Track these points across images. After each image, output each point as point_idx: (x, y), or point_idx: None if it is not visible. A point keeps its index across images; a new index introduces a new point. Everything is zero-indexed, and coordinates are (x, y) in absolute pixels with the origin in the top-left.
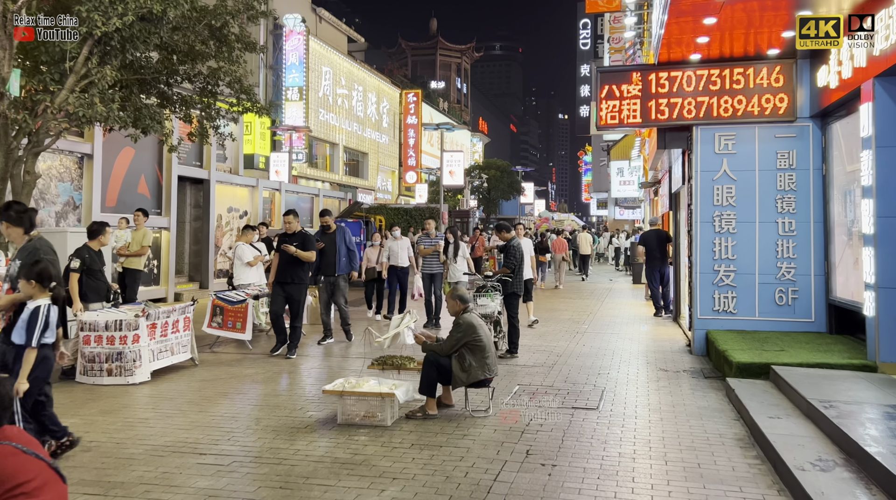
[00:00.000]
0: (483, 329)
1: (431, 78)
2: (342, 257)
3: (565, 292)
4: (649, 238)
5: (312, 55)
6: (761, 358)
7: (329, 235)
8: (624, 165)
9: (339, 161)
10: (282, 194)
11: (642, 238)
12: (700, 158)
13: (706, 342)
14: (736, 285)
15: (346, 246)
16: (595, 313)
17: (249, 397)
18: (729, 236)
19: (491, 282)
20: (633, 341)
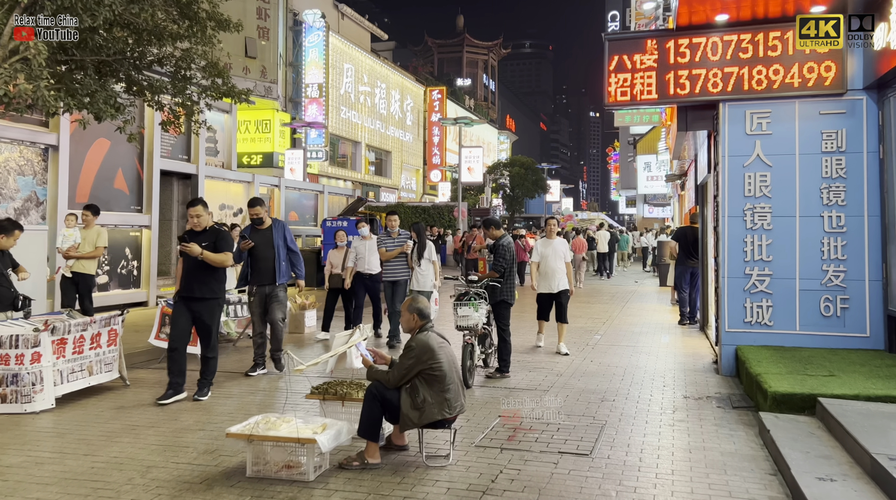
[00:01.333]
0: (444, 353)
1: (458, 76)
2: (281, 260)
3: (584, 294)
4: (686, 234)
5: (333, 52)
6: (804, 387)
7: (262, 233)
8: (651, 159)
9: (361, 159)
10: (281, 191)
11: (677, 234)
12: (728, 140)
13: (735, 360)
14: (772, 291)
15: (287, 246)
16: (612, 320)
17: (159, 433)
18: (763, 234)
19: (475, 288)
20: (650, 356)
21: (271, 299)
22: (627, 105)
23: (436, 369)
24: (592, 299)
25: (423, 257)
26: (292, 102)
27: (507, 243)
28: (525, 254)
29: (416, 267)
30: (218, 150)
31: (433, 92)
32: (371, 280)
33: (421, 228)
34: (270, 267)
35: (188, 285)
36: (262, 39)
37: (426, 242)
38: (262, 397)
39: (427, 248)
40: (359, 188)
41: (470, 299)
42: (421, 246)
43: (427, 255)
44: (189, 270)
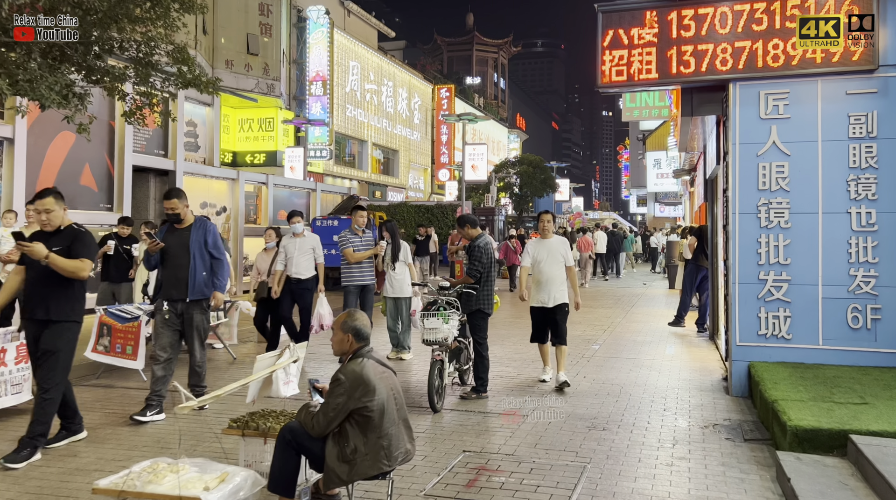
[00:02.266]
0: (384, 386)
1: (467, 74)
2: (198, 269)
3: (588, 297)
4: (702, 232)
5: (339, 49)
6: (832, 419)
7: (179, 233)
8: (661, 155)
9: (368, 158)
10: (269, 188)
11: (699, 231)
12: (739, 125)
13: (748, 379)
14: (790, 299)
15: (209, 251)
16: (614, 328)
17: (28, 475)
18: (780, 233)
19: (447, 295)
20: (652, 371)
21: (186, 319)
22: (624, 86)
23: (371, 409)
24: (595, 303)
25: (397, 259)
26: (296, 100)
27: (485, 245)
28: (517, 257)
29: (389, 271)
30: (199, 145)
31: (441, 90)
32: (299, 287)
33: (394, 228)
34: (184, 277)
35: (30, 303)
36: (264, 36)
37: (400, 243)
38: (189, 426)
39: (402, 249)
40: (365, 188)
41: (439, 309)
42: (395, 247)
43: (402, 257)
44: (33, 281)
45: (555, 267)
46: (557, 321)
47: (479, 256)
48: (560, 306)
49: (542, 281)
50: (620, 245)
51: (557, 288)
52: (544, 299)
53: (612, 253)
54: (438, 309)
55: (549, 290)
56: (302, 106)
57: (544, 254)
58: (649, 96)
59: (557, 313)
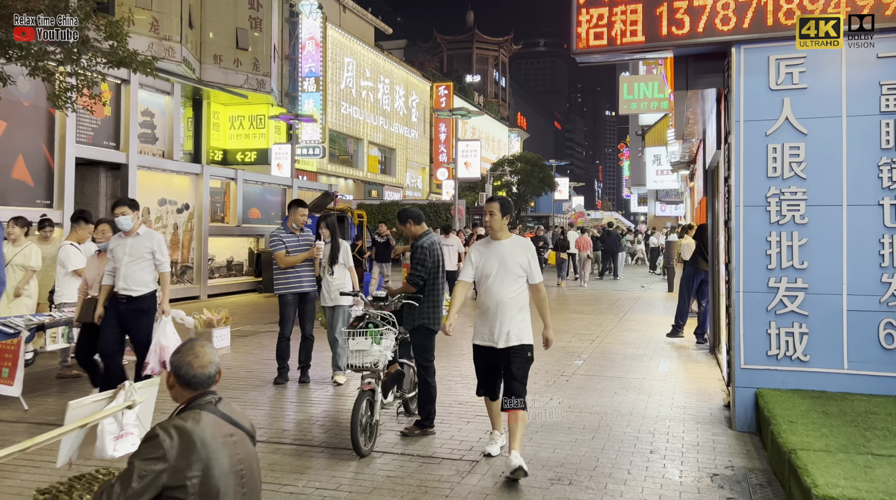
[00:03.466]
0: (227, 456)
1: (468, 72)
2: None
3: (579, 301)
4: (703, 231)
5: (333, 45)
6: (875, 485)
7: None
8: (660, 151)
9: (364, 157)
10: (238, 184)
11: (699, 230)
12: (744, 99)
13: (756, 410)
14: (807, 312)
15: None
16: (604, 337)
17: None
18: (794, 230)
19: (380, 309)
20: (640, 394)
21: None
22: (605, 52)
23: (192, 491)
24: (587, 308)
25: (336, 261)
26: (289, 97)
27: (430, 245)
28: None
29: (326, 276)
30: (156, 136)
31: (440, 88)
32: (130, 308)
33: (334, 224)
34: None
35: None
36: (254, 30)
37: (339, 243)
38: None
39: (342, 250)
40: (361, 187)
41: (368, 326)
42: (334, 248)
43: (342, 259)
44: None
45: (509, 285)
46: (512, 372)
47: (421, 258)
48: (517, 350)
49: (490, 307)
50: (617, 245)
51: (513, 318)
52: (492, 335)
53: (610, 253)
54: (367, 326)
55: (499, 321)
56: (294, 103)
57: (494, 264)
58: (648, 87)
59: (513, 358)
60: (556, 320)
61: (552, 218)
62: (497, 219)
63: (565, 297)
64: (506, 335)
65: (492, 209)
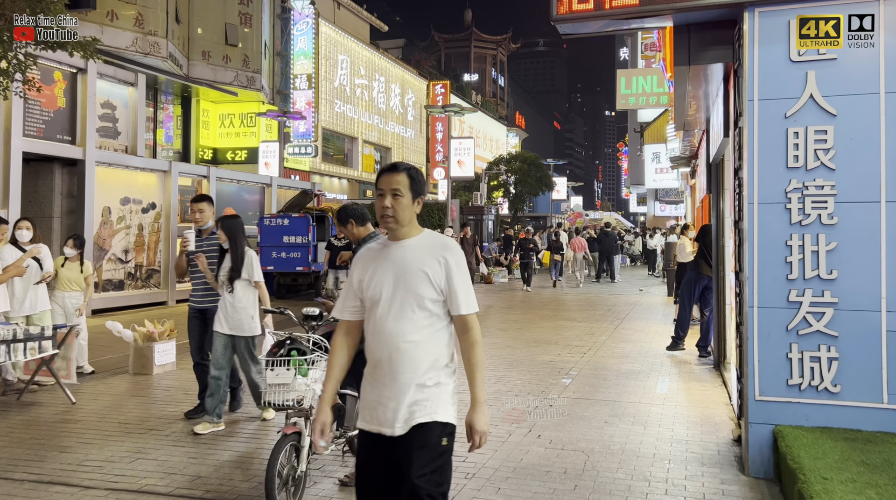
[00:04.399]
0: None
1: (466, 71)
2: None
3: (572, 306)
4: (706, 232)
5: (327, 41)
6: None
7: None
8: (660, 148)
9: (358, 156)
10: (211, 182)
11: (699, 233)
12: (758, 73)
13: (774, 453)
14: (836, 333)
15: None
16: (597, 350)
17: None
18: (820, 232)
19: (312, 331)
20: (635, 423)
21: None
22: (589, 18)
23: None
24: (581, 315)
25: (238, 276)
26: (280, 94)
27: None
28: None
29: (224, 294)
30: (119, 130)
31: (436, 86)
32: None
33: (232, 226)
34: None
35: None
36: (244, 26)
37: (244, 252)
38: None
39: (246, 261)
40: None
41: (291, 353)
42: (235, 257)
43: (246, 273)
44: None
45: (410, 318)
46: (413, 480)
47: None
48: (421, 437)
49: (381, 359)
50: (614, 247)
51: (417, 380)
52: (380, 411)
53: (606, 255)
54: (290, 353)
55: (393, 386)
56: (286, 100)
57: (386, 282)
58: (646, 82)
59: (414, 455)
60: (546, 328)
61: (550, 218)
62: (403, 204)
63: (558, 301)
64: (404, 412)
65: (394, 186)
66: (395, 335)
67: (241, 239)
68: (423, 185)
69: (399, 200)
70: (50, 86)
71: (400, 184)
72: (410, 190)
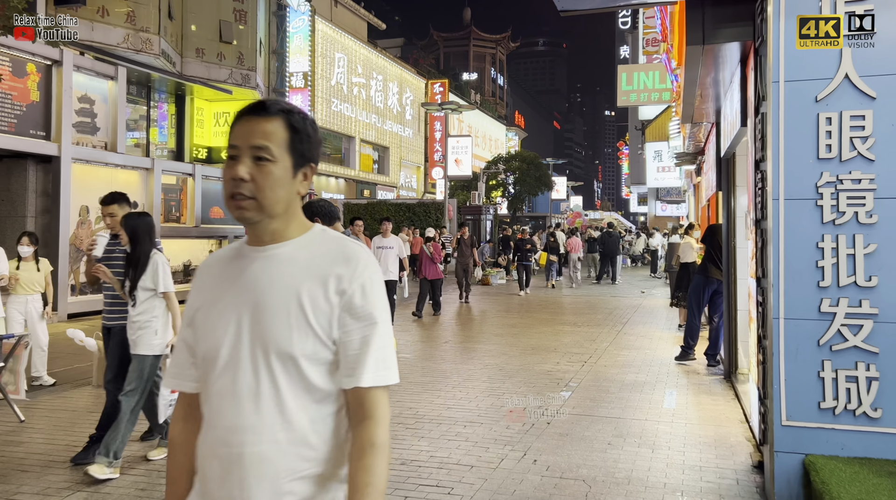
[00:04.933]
0: None
1: (465, 70)
2: None
3: (573, 310)
4: (714, 232)
5: (323, 39)
6: None
7: None
8: (661, 147)
9: (356, 155)
10: (196, 181)
11: (705, 233)
12: (784, 51)
13: (804, 487)
14: (877, 348)
15: None
16: (598, 357)
17: None
18: (857, 233)
19: None
20: (642, 445)
21: None
22: None
23: None
24: (581, 319)
25: (138, 285)
26: (276, 93)
27: None
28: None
29: (131, 310)
30: (98, 126)
31: (435, 85)
32: None
33: (137, 226)
34: None
35: None
36: (238, 23)
37: (148, 256)
38: None
39: (150, 265)
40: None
41: None
42: (135, 261)
43: (150, 280)
44: None
45: (268, 395)
46: None
47: None
48: None
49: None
50: (617, 247)
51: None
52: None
53: (609, 256)
54: None
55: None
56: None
57: (230, 325)
58: (648, 77)
59: None
60: (545, 334)
61: (549, 218)
62: (272, 176)
63: (557, 305)
64: None
65: (258, 140)
66: (238, 432)
67: (144, 241)
68: (314, 144)
69: (265, 169)
70: (22, 78)
71: (269, 138)
72: (290, 151)
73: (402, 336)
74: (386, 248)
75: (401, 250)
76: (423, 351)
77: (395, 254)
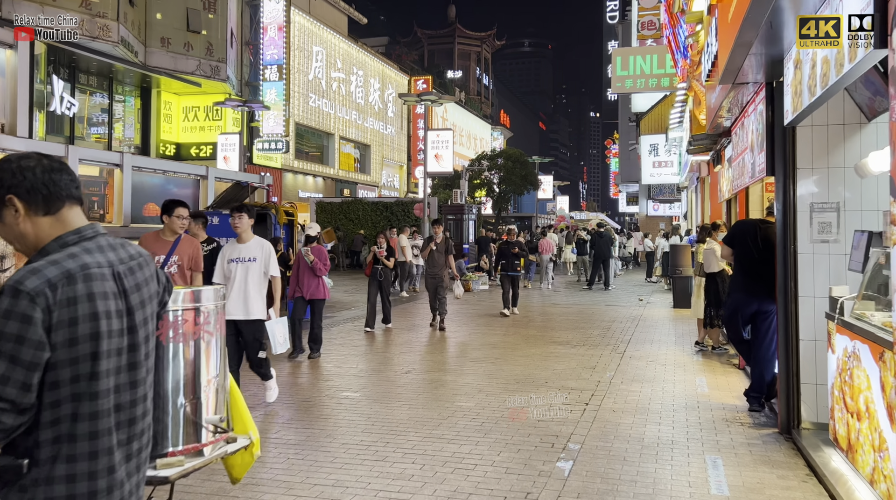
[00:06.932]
0: None
1: (449, 68)
2: None
3: (563, 324)
4: (745, 232)
5: (300, 32)
6: None
7: None
8: (658, 140)
9: (335, 153)
10: (124, 172)
11: (734, 230)
12: None
13: None
14: None
15: None
16: (601, 397)
17: None
18: None
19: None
20: None
21: None
22: None
23: None
24: (574, 336)
25: None
26: (249, 86)
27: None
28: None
29: None
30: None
31: (418, 82)
32: None
33: None
34: None
35: None
36: (207, 12)
37: None
38: None
39: None
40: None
41: None
42: None
43: None
44: None
45: None
46: None
47: None
48: None
49: None
50: (609, 249)
51: None
52: None
53: (601, 259)
54: None
55: None
56: (256, 92)
57: None
58: (645, 62)
59: None
60: (532, 358)
61: (535, 218)
62: None
63: (546, 316)
64: None
65: None
66: None
67: None
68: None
69: None
70: None
71: None
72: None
73: (349, 360)
74: (243, 261)
75: (267, 264)
76: (375, 386)
77: (257, 271)
